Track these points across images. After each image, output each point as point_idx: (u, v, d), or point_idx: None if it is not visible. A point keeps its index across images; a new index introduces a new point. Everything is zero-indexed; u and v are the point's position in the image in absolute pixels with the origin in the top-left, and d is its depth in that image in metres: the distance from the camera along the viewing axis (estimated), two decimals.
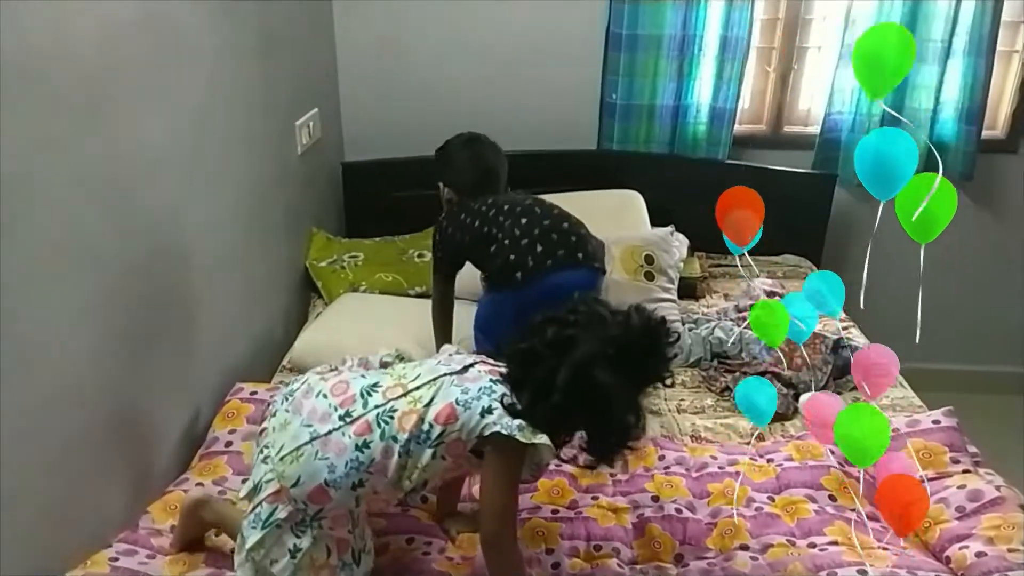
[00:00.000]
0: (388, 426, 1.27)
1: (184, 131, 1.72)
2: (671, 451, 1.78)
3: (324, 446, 1.27)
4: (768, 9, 2.73)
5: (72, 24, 1.32)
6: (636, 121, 2.75)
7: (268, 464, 1.29)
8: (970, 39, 2.60)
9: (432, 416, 1.27)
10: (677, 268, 2.47)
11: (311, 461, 1.26)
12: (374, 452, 1.26)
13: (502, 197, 1.95)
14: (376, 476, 1.26)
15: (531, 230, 1.82)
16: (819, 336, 2.13)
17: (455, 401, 1.27)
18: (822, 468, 1.68)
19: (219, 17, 1.88)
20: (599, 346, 1.25)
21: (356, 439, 1.26)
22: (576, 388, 1.24)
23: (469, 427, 1.26)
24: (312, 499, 1.26)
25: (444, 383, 1.31)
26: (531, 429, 1.25)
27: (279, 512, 1.26)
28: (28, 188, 1.23)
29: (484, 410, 1.26)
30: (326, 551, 1.28)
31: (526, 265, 1.79)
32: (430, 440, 1.26)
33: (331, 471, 1.25)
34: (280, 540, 1.26)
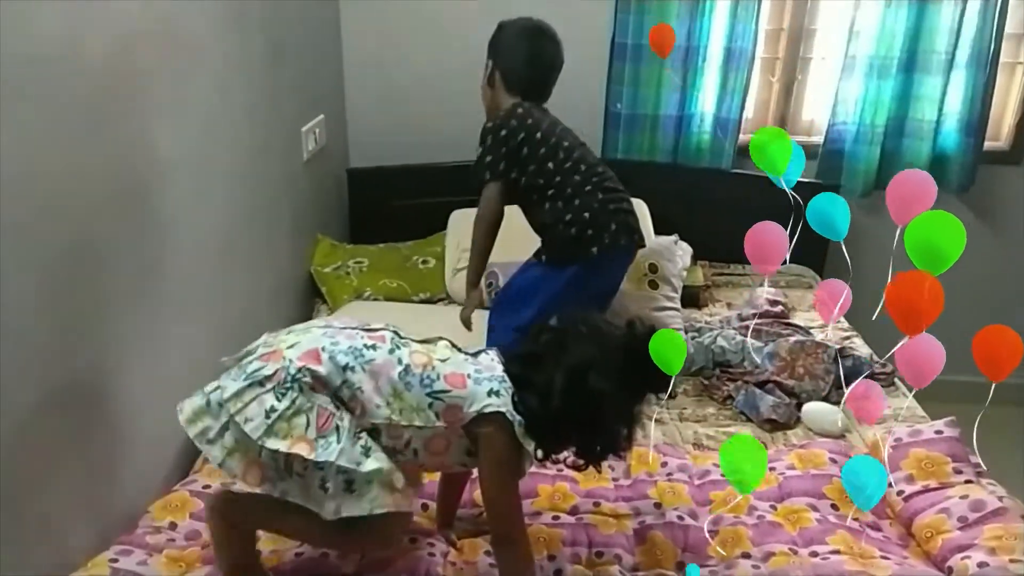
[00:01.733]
0: (400, 349, 1.30)
1: (192, 137, 1.73)
2: (673, 458, 1.79)
3: (335, 332, 1.29)
4: (772, 19, 2.75)
5: (83, 33, 1.34)
6: (640, 131, 2.77)
7: (268, 339, 1.30)
8: (973, 51, 2.61)
9: (445, 372, 1.29)
10: (680, 277, 2.48)
11: (316, 335, 1.28)
12: (377, 356, 1.27)
13: (570, 139, 1.92)
14: (367, 376, 1.25)
15: (607, 205, 1.86)
16: (821, 346, 2.13)
17: (468, 374, 1.30)
18: (824, 477, 1.69)
19: (227, 25, 1.90)
20: (596, 352, 1.28)
21: (366, 340, 1.29)
22: (572, 393, 1.26)
23: (473, 399, 1.27)
24: (301, 359, 1.23)
25: (459, 356, 1.35)
26: (524, 432, 1.27)
27: (266, 369, 1.22)
28: (36, 194, 1.25)
29: (492, 391, 1.28)
30: (305, 421, 1.20)
31: (602, 240, 1.83)
32: (432, 388, 1.27)
33: (332, 343, 1.26)
34: (259, 398, 1.20)
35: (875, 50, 2.64)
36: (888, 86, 2.66)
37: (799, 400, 2.01)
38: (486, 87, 2.00)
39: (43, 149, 1.26)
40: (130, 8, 1.47)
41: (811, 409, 1.97)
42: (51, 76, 1.26)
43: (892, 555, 1.49)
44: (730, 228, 2.20)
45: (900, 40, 2.61)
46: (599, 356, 1.29)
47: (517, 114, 1.90)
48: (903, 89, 2.68)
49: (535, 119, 1.90)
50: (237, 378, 1.24)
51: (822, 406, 1.98)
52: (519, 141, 1.87)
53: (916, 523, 1.57)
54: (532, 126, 1.88)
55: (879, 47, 2.63)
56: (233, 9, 1.92)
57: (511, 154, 1.87)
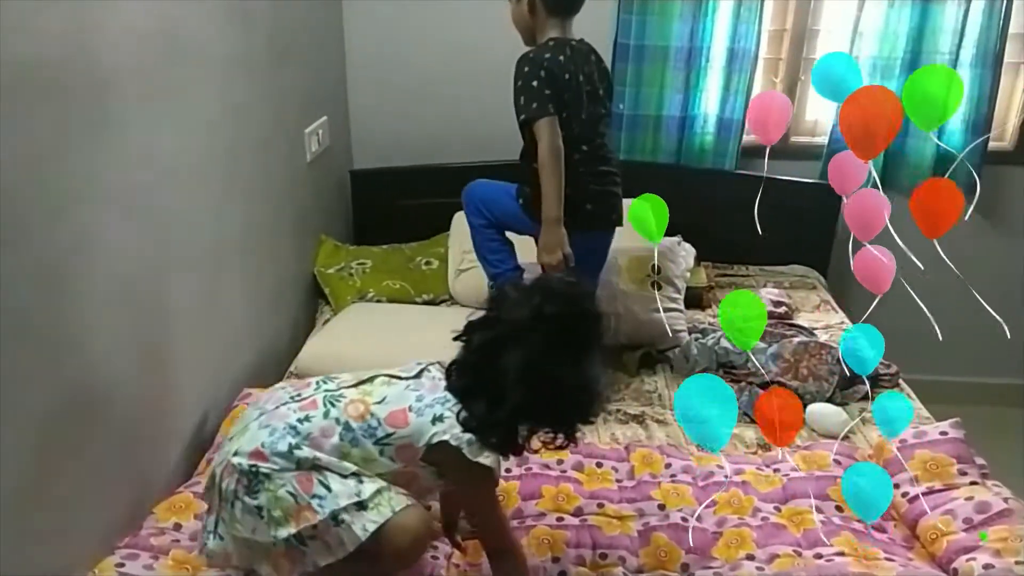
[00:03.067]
0: (335, 408, 1.29)
1: (195, 138, 1.74)
2: (677, 460, 1.78)
3: (269, 417, 1.30)
4: (775, 20, 2.74)
5: (87, 33, 1.34)
6: (643, 131, 2.77)
7: (219, 456, 1.32)
8: (977, 51, 2.60)
9: (384, 415, 1.28)
10: (684, 278, 2.48)
11: (254, 431, 1.29)
12: (313, 427, 1.27)
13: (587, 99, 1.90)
14: (313, 448, 1.26)
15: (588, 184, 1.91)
16: (825, 347, 2.13)
17: (408, 407, 1.29)
18: (828, 478, 1.68)
19: (230, 27, 1.90)
20: (533, 338, 1.21)
21: (299, 413, 1.29)
22: (521, 389, 1.21)
23: (420, 433, 1.27)
24: (251, 456, 1.26)
25: (400, 387, 1.33)
26: (479, 446, 1.26)
27: (231, 484, 1.26)
28: (39, 194, 1.25)
29: (436, 418, 1.27)
30: (290, 497, 1.24)
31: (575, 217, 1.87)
32: (376, 437, 1.28)
33: (270, 434, 1.27)
34: (246, 508, 1.25)
35: (879, 50, 2.63)
36: (892, 86, 2.65)
37: (803, 402, 2.01)
38: (522, 11, 1.93)
39: (46, 149, 1.26)
40: (133, 9, 1.47)
41: (815, 410, 1.96)
42: (54, 77, 1.26)
43: (897, 557, 1.49)
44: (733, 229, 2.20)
45: (904, 40, 2.61)
46: (536, 341, 1.21)
47: (559, 62, 1.84)
48: None
49: (572, 71, 1.87)
50: (220, 506, 1.29)
51: (826, 407, 1.98)
52: (559, 84, 1.84)
53: (921, 524, 1.57)
54: (570, 80, 1.86)
55: (883, 47, 2.62)
56: (236, 11, 1.92)
57: (557, 94, 1.84)
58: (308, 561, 1.26)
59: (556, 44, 1.89)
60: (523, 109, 1.84)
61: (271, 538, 1.24)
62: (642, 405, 2.08)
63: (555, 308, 1.24)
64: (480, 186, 2.13)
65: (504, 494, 1.66)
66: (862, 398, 2.06)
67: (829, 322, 2.46)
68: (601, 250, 2.09)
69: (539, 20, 1.91)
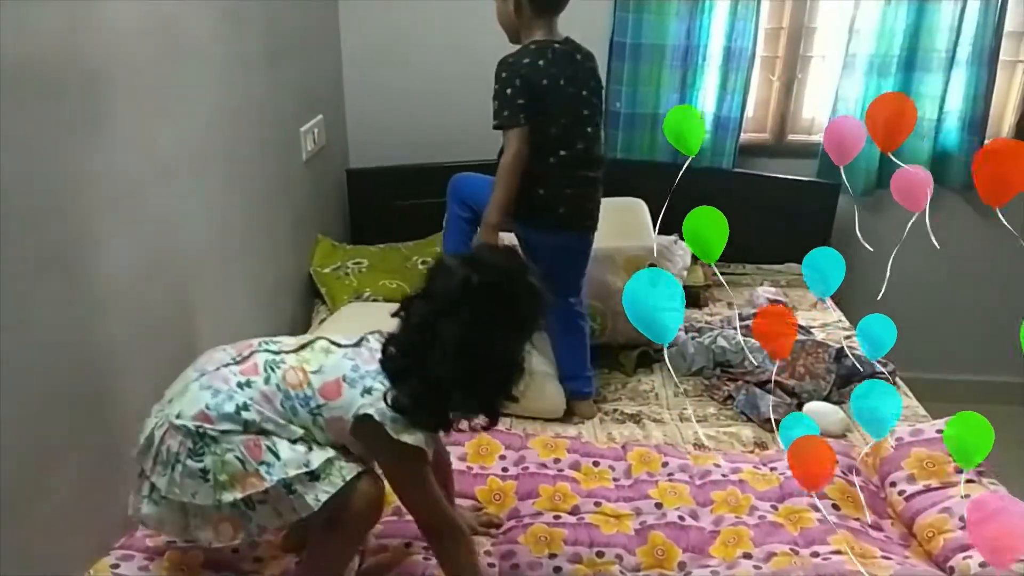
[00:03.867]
0: (274, 373, 1.27)
1: (190, 137, 1.73)
2: (674, 459, 1.78)
3: (210, 379, 1.27)
4: (772, 18, 2.74)
5: (80, 31, 1.33)
6: (640, 130, 2.77)
7: (155, 416, 1.28)
8: (973, 49, 2.61)
9: (318, 386, 1.26)
10: (681, 276, 2.48)
11: (195, 392, 1.25)
12: (255, 392, 1.25)
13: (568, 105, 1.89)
14: (259, 409, 1.24)
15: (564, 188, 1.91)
16: (822, 345, 2.13)
17: (343, 377, 1.26)
18: None
19: (226, 25, 1.89)
20: (467, 316, 1.21)
21: (240, 377, 1.26)
22: (455, 361, 1.21)
23: (349, 405, 1.25)
24: (195, 418, 1.23)
25: (337, 355, 1.30)
26: (404, 425, 1.23)
27: (172, 445, 1.23)
28: (34, 193, 1.24)
29: (365, 390, 1.25)
30: (237, 461, 1.22)
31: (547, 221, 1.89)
32: (309, 407, 1.26)
33: (213, 396, 1.24)
34: (187, 471, 1.22)
35: (875, 48, 2.63)
36: (889, 84, 2.65)
37: (800, 400, 2.01)
38: (507, 10, 1.92)
39: (42, 148, 1.25)
40: (129, 8, 1.47)
41: (812, 409, 1.96)
42: (50, 75, 1.26)
43: (894, 555, 1.49)
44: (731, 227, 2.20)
45: (900, 38, 2.61)
46: (465, 314, 1.21)
47: (538, 67, 1.85)
48: (904, 87, 2.67)
49: (553, 74, 1.86)
50: (155, 469, 1.25)
51: (823, 406, 1.98)
52: (535, 91, 1.85)
53: (918, 523, 1.57)
54: (548, 85, 1.86)
55: (879, 45, 2.62)
56: (232, 9, 1.92)
57: (534, 101, 1.85)
58: (253, 526, 1.24)
59: (538, 48, 1.88)
60: (496, 115, 1.87)
61: (214, 502, 1.21)
62: (639, 404, 2.08)
63: (483, 278, 1.23)
64: (468, 178, 2.13)
65: (501, 493, 1.66)
66: None
67: (826, 320, 2.46)
68: (576, 251, 2.05)
69: (524, 19, 1.90)
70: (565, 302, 2.03)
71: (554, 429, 1.95)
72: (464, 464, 1.74)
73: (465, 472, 1.71)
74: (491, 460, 1.76)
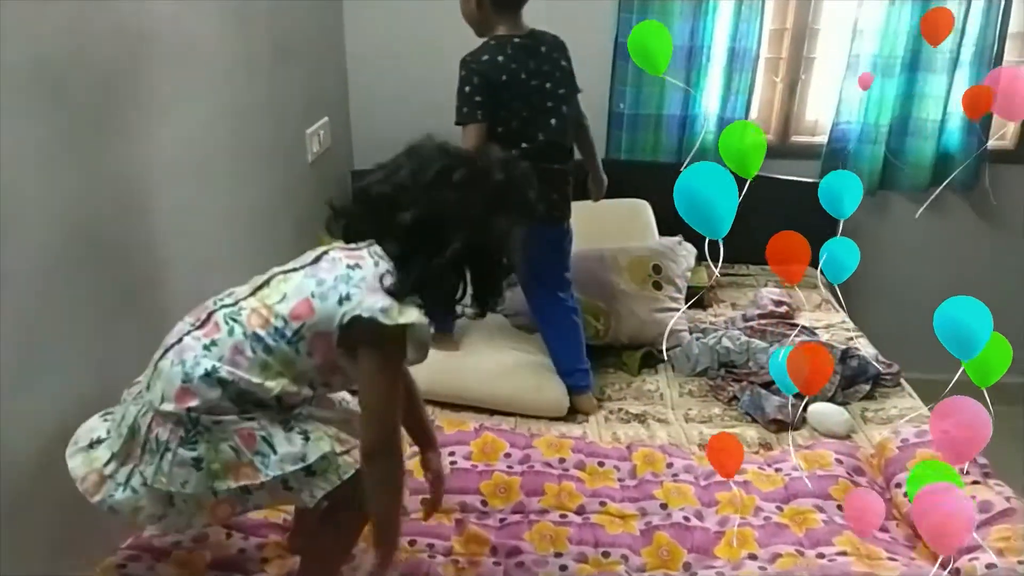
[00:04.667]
0: (237, 323, 1.21)
1: (196, 139, 1.74)
2: (679, 459, 1.78)
3: (177, 354, 1.21)
4: (776, 19, 2.74)
5: (87, 33, 1.34)
6: (644, 130, 2.77)
7: (136, 405, 1.23)
8: (976, 50, 2.61)
9: (287, 312, 1.20)
10: (685, 277, 2.48)
11: (167, 371, 1.20)
12: (223, 350, 1.19)
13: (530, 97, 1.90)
14: (231, 369, 1.19)
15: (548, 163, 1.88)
16: (826, 346, 2.13)
17: (311, 295, 1.20)
18: (830, 478, 1.68)
19: (231, 27, 1.90)
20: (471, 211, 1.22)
21: (204, 340, 1.21)
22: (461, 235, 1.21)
23: (328, 318, 1.19)
24: (179, 403, 1.18)
25: (295, 278, 1.24)
26: (399, 309, 1.18)
27: (162, 434, 1.18)
28: (40, 194, 1.25)
29: (342, 298, 1.19)
30: (231, 450, 1.18)
31: None
32: (287, 337, 1.20)
33: (184, 367, 1.19)
34: (178, 460, 1.17)
35: (879, 49, 2.63)
36: (892, 85, 2.65)
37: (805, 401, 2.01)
38: (469, 7, 1.95)
39: (47, 150, 1.26)
40: (134, 9, 1.47)
41: (817, 410, 1.96)
42: (56, 77, 1.27)
43: (899, 556, 1.49)
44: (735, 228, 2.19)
45: (904, 39, 2.61)
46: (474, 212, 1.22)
47: (496, 63, 1.88)
48: (907, 88, 2.68)
49: (512, 70, 1.89)
50: (142, 458, 1.20)
51: (828, 407, 1.98)
52: (494, 87, 1.88)
53: None
54: (507, 80, 1.89)
55: (883, 46, 2.62)
56: (237, 11, 1.92)
57: (492, 97, 1.89)
58: (250, 503, 1.23)
59: (497, 43, 1.91)
60: (457, 112, 1.90)
61: (207, 489, 1.19)
62: (644, 404, 2.08)
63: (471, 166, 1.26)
64: None
65: (506, 487, 1.66)
66: (864, 398, 2.07)
67: (830, 321, 2.46)
68: (551, 242, 2.04)
69: (486, 15, 1.92)
70: (554, 297, 2.05)
71: (559, 429, 1.95)
72: (469, 462, 1.74)
73: (470, 470, 1.72)
74: (496, 458, 1.77)
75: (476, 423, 1.90)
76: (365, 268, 1.22)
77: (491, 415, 1.99)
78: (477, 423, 1.90)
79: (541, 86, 1.94)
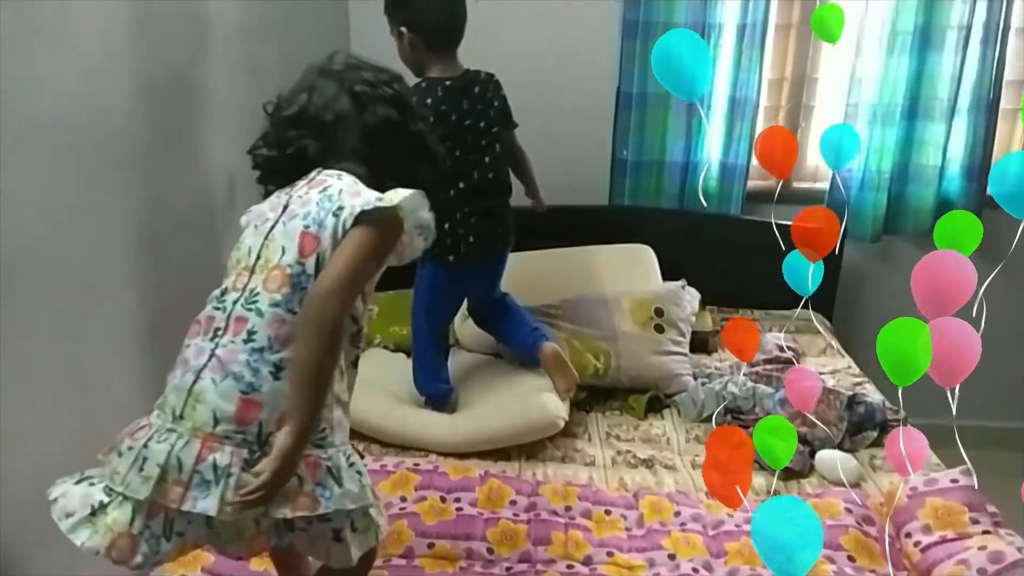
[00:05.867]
0: (259, 303, 1.15)
1: (211, 189, 1.77)
2: (687, 507, 1.77)
3: (215, 370, 1.13)
4: (775, 69, 2.80)
5: (106, 89, 1.38)
6: (647, 177, 2.80)
7: (165, 441, 1.11)
8: (973, 97, 2.65)
9: (296, 256, 1.16)
10: (689, 322, 2.48)
11: (213, 391, 1.11)
12: (263, 335, 1.13)
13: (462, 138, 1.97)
14: (290, 349, 1.13)
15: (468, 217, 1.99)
16: (833, 392, 2.12)
17: (305, 228, 1.17)
18: (840, 527, 1.67)
19: (244, 79, 1.94)
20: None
21: (238, 337, 1.14)
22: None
23: (334, 234, 1.16)
24: (242, 420, 1.11)
25: (279, 230, 1.20)
26: (393, 193, 1.19)
27: (219, 460, 1.09)
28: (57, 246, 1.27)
29: (335, 212, 1.17)
30: (296, 479, 1.12)
31: (458, 250, 1.99)
32: (310, 275, 1.15)
33: (238, 379, 1.11)
34: (241, 484, 1.09)
35: (878, 97, 2.68)
36: (892, 132, 2.70)
37: (812, 448, 2.00)
38: (403, 49, 1.98)
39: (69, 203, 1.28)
40: (147, 63, 1.52)
41: (825, 457, 1.95)
42: (76, 131, 1.30)
43: None
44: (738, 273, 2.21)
45: (902, 87, 2.66)
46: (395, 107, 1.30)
47: (425, 105, 1.89)
48: (907, 135, 2.72)
49: (442, 111, 1.93)
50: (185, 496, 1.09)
51: (836, 454, 1.96)
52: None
53: (934, 574, 1.55)
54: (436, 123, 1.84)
55: (882, 94, 2.67)
56: (248, 59, 1.97)
57: None
58: (285, 540, 1.20)
59: (428, 86, 1.95)
60: None
61: (260, 515, 1.13)
62: (651, 449, 2.07)
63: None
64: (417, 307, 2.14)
65: (513, 535, 1.65)
66: (872, 444, 2.05)
67: (836, 366, 2.45)
68: (492, 267, 2.16)
69: (421, 57, 1.97)
70: (492, 301, 2.19)
71: (564, 473, 1.94)
72: (475, 509, 1.73)
73: (476, 516, 1.70)
74: (501, 505, 1.75)
75: (481, 469, 1.89)
76: (335, 184, 1.22)
77: (495, 461, 1.98)
78: (482, 469, 1.89)
79: (475, 125, 2.01)
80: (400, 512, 1.69)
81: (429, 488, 1.78)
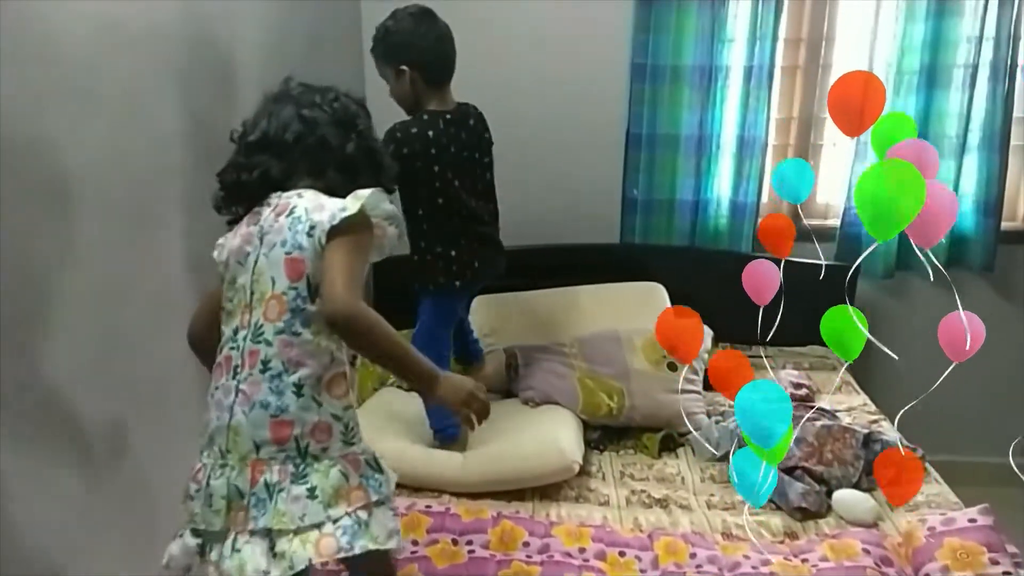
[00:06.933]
0: (265, 333, 1.24)
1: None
2: (703, 549, 1.75)
3: (243, 403, 1.23)
4: (782, 109, 2.83)
5: (126, 138, 1.42)
6: (657, 215, 2.83)
7: (222, 476, 1.23)
8: (984, 134, 2.67)
9: (288, 283, 1.24)
10: (702, 359, 2.48)
11: (246, 422, 1.22)
12: (276, 361, 1.23)
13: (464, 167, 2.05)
14: (303, 367, 1.23)
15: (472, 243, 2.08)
16: (849, 430, 2.10)
17: (287, 253, 1.25)
18: (858, 569, 1.64)
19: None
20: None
21: (255, 368, 1.23)
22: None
23: (315, 254, 1.24)
24: (279, 440, 1.22)
25: (262, 262, 1.27)
26: (353, 198, 1.27)
27: (271, 477, 1.21)
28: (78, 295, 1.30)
29: (309, 232, 1.25)
30: (341, 476, 1.24)
31: (464, 275, 2.07)
32: (307, 296, 1.24)
33: (265, 406, 1.22)
34: (292, 496, 1.20)
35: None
36: None
37: (829, 487, 1.97)
38: (403, 87, 2.02)
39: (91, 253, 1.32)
40: (164, 111, 1.56)
41: (842, 497, 1.93)
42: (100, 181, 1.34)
43: None
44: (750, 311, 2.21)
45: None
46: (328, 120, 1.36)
47: (427, 137, 1.97)
48: None
49: (443, 144, 1.99)
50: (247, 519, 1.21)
51: (854, 494, 1.94)
52: (416, 157, 1.96)
53: None
54: (437, 154, 1.99)
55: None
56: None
57: (425, 168, 1.99)
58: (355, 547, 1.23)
59: (429, 118, 2.01)
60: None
61: (325, 518, 1.20)
62: (666, 489, 2.05)
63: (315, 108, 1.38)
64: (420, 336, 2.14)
65: None
66: None
67: (852, 404, 2.44)
68: (477, 290, 2.31)
69: (419, 92, 2.02)
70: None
71: (578, 514, 1.92)
72: (487, 551, 1.72)
73: (488, 559, 1.69)
74: (515, 547, 1.74)
75: (494, 511, 1.88)
76: (298, 203, 1.29)
77: (509, 501, 1.97)
78: (495, 511, 1.88)
79: (471, 156, 2.10)
80: (412, 556, 1.68)
81: (441, 531, 1.77)
